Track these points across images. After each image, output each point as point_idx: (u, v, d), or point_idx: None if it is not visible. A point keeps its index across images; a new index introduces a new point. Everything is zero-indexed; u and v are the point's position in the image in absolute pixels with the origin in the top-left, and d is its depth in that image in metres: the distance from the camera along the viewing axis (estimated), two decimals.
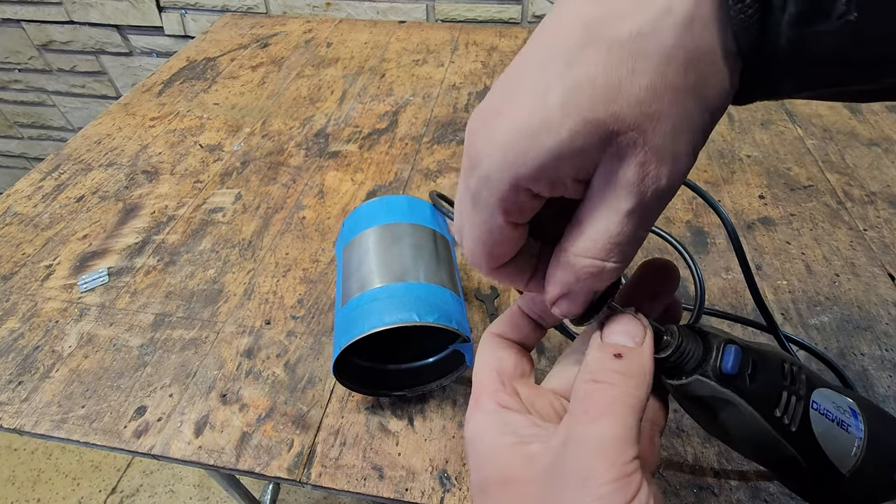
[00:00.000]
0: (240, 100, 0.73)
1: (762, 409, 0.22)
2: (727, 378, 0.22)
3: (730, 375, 0.22)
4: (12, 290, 0.48)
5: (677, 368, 0.23)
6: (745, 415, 0.22)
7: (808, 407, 0.23)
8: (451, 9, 0.92)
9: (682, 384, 0.23)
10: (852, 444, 0.23)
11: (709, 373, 0.22)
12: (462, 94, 0.72)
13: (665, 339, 0.23)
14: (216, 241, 0.52)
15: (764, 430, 0.22)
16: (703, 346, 0.23)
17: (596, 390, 0.18)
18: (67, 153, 0.64)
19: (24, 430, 0.38)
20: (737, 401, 0.22)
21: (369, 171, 0.60)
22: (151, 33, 1.08)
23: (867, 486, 0.24)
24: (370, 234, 0.38)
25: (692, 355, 0.22)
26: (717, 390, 0.22)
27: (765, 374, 0.22)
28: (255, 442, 0.37)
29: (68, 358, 0.42)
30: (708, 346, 0.23)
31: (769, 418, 0.22)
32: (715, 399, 0.22)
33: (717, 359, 0.22)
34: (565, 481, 0.17)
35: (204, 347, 0.43)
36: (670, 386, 0.24)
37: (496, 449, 0.19)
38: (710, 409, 0.23)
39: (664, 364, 0.23)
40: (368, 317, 0.33)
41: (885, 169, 0.57)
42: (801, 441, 0.23)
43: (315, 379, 0.40)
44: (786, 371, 0.23)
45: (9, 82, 1.28)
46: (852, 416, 0.24)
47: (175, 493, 1.12)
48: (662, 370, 0.24)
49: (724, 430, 0.24)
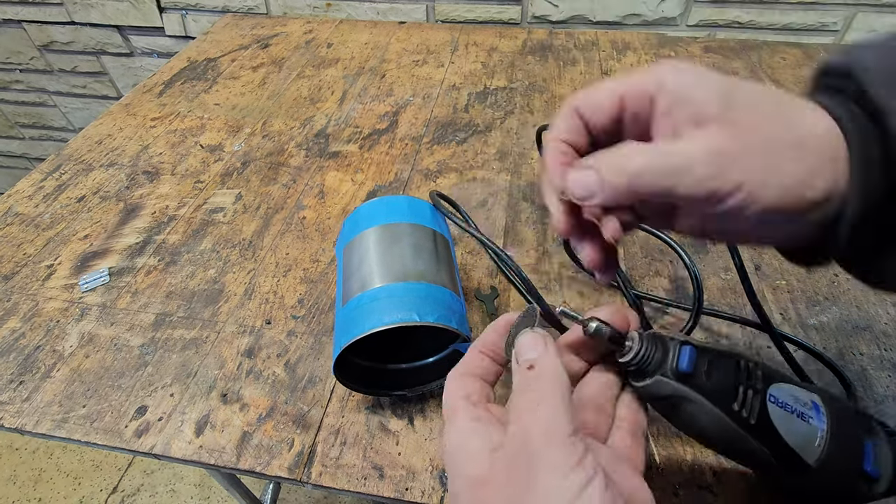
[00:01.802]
0: (240, 100, 0.73)
1: (720, 403, 0.24)
2: (684, 376, 0.23)
3: (686, 374, 0.23)
4: (13, 290, 0.48)
5: (640, 371, 0.24)
6: (706, 410, 0.24)
7: (766, 400, 0.24)
8: (451, 9, 0.92)
9: (645, 385, 0.24)
10: (815, 435, 0.24)
11: (668, 373, 0.24)
12: (462, 95, 0.72)
13: (627, 345, 0.24)
14: (217, 241, 0.52)
15: (724, 423, 0.24)
16: (662, 350, 0.24)
17: (523, 398, 0.21)
18: (68, 153, 0.65)
19: (25, 429, 0.38)
20: (695, 397, 0.24)
21: (369, 171, 0.60)
22: (152, 34, 1.08)
23: (836, 475, 0.25)
24: (370, 234, 0.38)
25: (653, 358, 0.24)
26: (677, 388, 0.24)
27: (720, 371, 0.24)
28: (255, 441, 0.37)
29: (69, 358, 0.43)
30: (666, 348, 0.24)
31: (728, 412, 0.24)
32: (677, 397, 0.24)
33: (674, 359, 0.24)
34: (520, 465, 0.19)
35: (205, 347, 0.43)
36: (637, 389, 0.25)
37: (472, 455, 0.21)
38: (674, 407, 0.25)
39: (628, 367, 0.25)
40: (369, 316, 0.33)
41: None
42: (761, 433, 0.24)
43: (315, 378, 0.40)
44: (741, 367, 0.24)
45: (10, 83, 1.29)
46: (814, 409, 0.25)
47: (176, 492, 1.12)
48: (628, 374, 0.25)
49: (691, 426, 0.25)
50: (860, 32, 0.82)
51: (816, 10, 0.82)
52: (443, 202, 0.43)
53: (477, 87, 0.73)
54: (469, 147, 0.63)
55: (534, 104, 0.70)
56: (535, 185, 0.57)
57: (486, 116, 0.68)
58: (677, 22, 0.87)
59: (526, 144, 0.63)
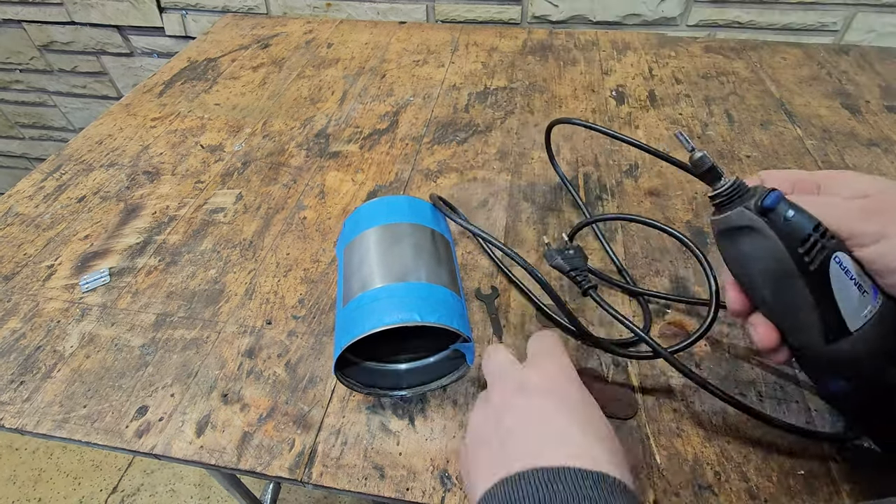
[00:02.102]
0: (241, 100, 0.73)
1: (788, 242, 0.26)
2: (764, 210, 0.27)
3: (767, 208, 0.27)
4: (14, 291, 0.48)
5: (726, 203, 0.28)
6: (772, 245, 0.27)
7: (831, 258, 0.26)
8: (452, 9, 0.92)
9: (726, 216, 0.28)
10: (865, 307, 0.27)
11: (751, 206, 0.27)
12: (462, 95, 0.72)
13: (724, 179, 0.29)
14: (217, 242, 0.52)
15: (785, 261, 0.26)
16: (753, 191, 0.28)
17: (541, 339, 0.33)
18: (69, 153, 0.65)
19: (25, 429, 0.38)
20: (767, 231, 0.27)
21: (370, 171, 0.60)
22: (152, 34, 1.08)
23: (870, 350, 0.27)
24: (371, 234, 0.38)
25: (740, 194, 0.28)
26: (753, 220, 0.27)
27: (798, 220, 0.27)
28: (256, 441, 0.37)
29: (70, 358, 0.43)
30: (757, 190, 0.28)
31: (792, 252, 0.26)
32: (750, 228, 0.27)
33: (761, 196, 0.27)
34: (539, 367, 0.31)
35: (205, 347, 0.43)
36: (717, 221, 0.29)
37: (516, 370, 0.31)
38: (742, 240, 0.28)
39: (717, 199, 0.29)
40: (369, 316, 0.33)
41: (885, 169, 0.57)
42: (815, 282, 0.26)
43: (316, 379, 0.40)
44: (818, 227, 0.27)
45: (10, 83, 1.29)
46: (873, 290, 0.27)
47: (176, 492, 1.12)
48: (714, 207, 0.29)
49: (750, 261, 0.28)
50: (860, 32, 0.82)
51: (816, 10, 0.82)
52: (442, 203, 0.43)
53: (477, 87, 0.73)
54: (469, 147, 0.63)
55: (534, 104, 0.70)
56: (536, 184, 0.57)
57: (487, 116, 0.68)
58: (677, 22, 0.87)
59: (526, 144, 0.63)
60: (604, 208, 0.54)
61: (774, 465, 0.34)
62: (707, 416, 0.37)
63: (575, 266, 0.41)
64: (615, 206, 0.54)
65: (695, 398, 0.38)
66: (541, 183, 0.57)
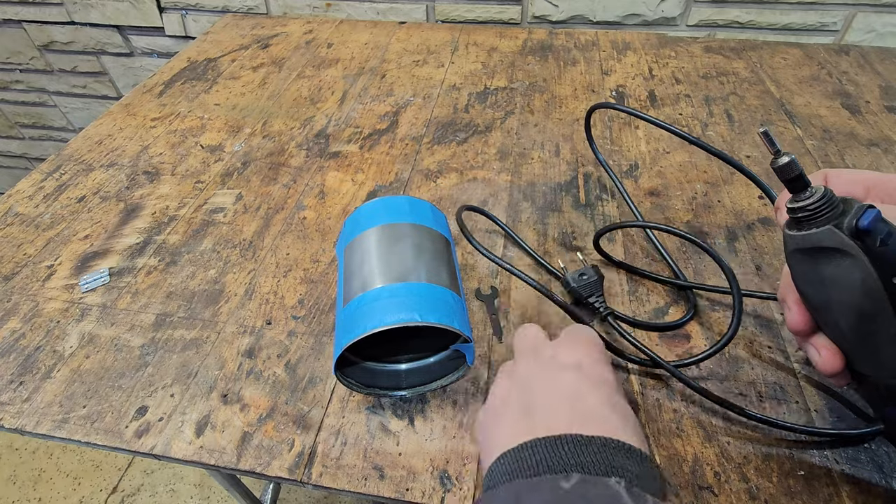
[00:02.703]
0: (240, 100, 0.73)
1: (882, 270, 0.23)
2: (860, 232, 0.23)
3: (863, 230, 0.23)
4: (13, 291, 0.48)
5: (811, 219, 0.24)
6: (864, 272, 0.23)
7: None
8: (451, 9, 0.92)
9: (811, 233, 0.24)
10: None
11: (842, 225, 0.23)
12: (462, 95, 0.72)
13: (809, 191, 0.24)
14: (217, 242, 0.52)
15: (877, 291, 0.23)
16: (844, 206, 0.24)
17: None
18: (68, 153, 0.65)
19: (25, 430, 0.38)
20: (860, 256, 0.23)
21: (370, 171, 0.60)
22: (152, 34, 1.08)
23: None
24: (371, 234, 0.38)
25: (830, 210, 0.24)
26: (845, 242, 0.23)
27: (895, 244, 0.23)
28: (256, 442, 0.37)
29: (69, 358, 0.43)
30: (848, 209, 0.24)
31: (886, 282, 0.23)
32: (838, 252, 0.23)
33: (856, 215, 0.23)
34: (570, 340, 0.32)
35: (205, 347, 0.43)
36: (798, 237, 0.25)
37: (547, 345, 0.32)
38: (827, 263, 0.24)
39: (799, 212, 0.24)
40: (370, 317, 0.33)
41: (885, 169, 0.57)
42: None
43: (316, 379, 0.40)
44: None
45: (10, 83, 1.29)
46: None
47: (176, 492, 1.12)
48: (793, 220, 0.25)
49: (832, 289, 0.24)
50: (860, 32, 0.82)
51: (816, 10, 0.82)
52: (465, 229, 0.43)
53: (477, 87, 0.73)
54: (469, 147, 0.63)
55: (534, 104, 0.70)
56: (536, 184, 0.57)
57: (487, 116, 0.68)
58: (677, 22, 0.87)
59: (526, 144, 0.63)
60: (604, 208, 0.54)
61: (774, 465, 0.34)
62: (707, 417, 0.37)
63: (591, 292, 0.42)
64: (615, 206, 0.54)
65: (695, 398, 0.38)
66: (541, 183, 0.57)
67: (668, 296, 0.45)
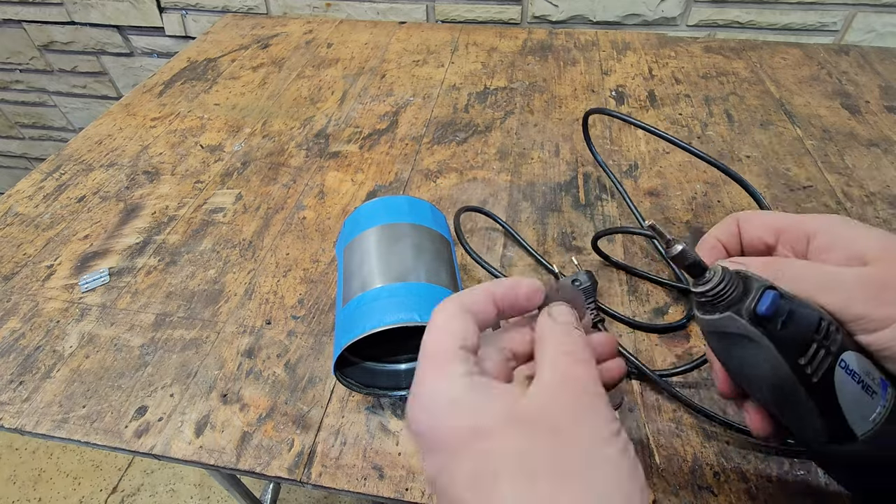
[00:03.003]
0: (240, 100, 0.73)
1: (787, 354, 0.23)
2: (759, 319, 0.23)
3: (762, 317, 0.23)
4: (13, 291, 0.48)
5: (713, 305, 0.24)
6: (770, 357, 0.23)
7: (836, 364, 0.23)
8: (451, 9, 0.92)
9: (714, 319, 0.24)
10: (873, 410, 0.24)
11: (742, 312, 0.23)
12: (462, 95, 0.72)
13: (707, 274, 0.24)
14: (217, 242, 0.52)
15: (785, 374, 0.23)
16: (744, 288, 0.24)
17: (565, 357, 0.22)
18: (68, 153, 0.65)
19: (25, 429, 0.38)
20: (764, 342, 0.23)
21: (370, 171, 0.60)
22: (152, 34, 1.08)
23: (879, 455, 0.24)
24: (371, 234, 0.38)
25: (731, 293, 0.23)
26: (747, 329, 0.23)
27: (798, 324, 0.23)
28: (255, 442, 0.37)
29: (69, 358, 0.43)
30: (748, 288, 0.24)
31: (792, 364, 0.23)
32: (743, 338, 0.23)
33: (754, 300, 0.23)
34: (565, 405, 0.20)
35: (205, 347, 0.43)
36: (703, 321, 0.25)
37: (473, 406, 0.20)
38: (736, 346, 0.24)
39: (700, 298, 0.24)
40: (369, 316, 0.33)
41: (885, 169, 0.57)
42: (819, 392, 0.23)
43: (315, 379, 0.40)
44: (821, 327, 0.23)
45: (10, 83, 1.29)
46: (882, 386, 0.24)
47: (176, 492, 1.12)
48: (697, 304, 0.25)
49: (746, 369, 0.25)
50: (860, 32, 0.82)
51: (816, 10, 0.82)
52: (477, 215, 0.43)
53: (477, 87, 0.73)
54: (469, 147, 0.63)
55: (534, 104, 0.70)
56: (536, 184, 0.57)
57: (486, 116, 0.68)
58: (677, 22, 0.87)
59: (526, 144, 0.63)
60: (603, 209, 0.54)
61: (774, 465, 0.34)
62: (707, 416, 0.37)
63: (585, 298, 0.42)
64: (615, 206, 0.54)
65: (694, 398, 0.38)
66: (540, 183, 0.57)
67: (668, 295, 0.45)
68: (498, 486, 0.18)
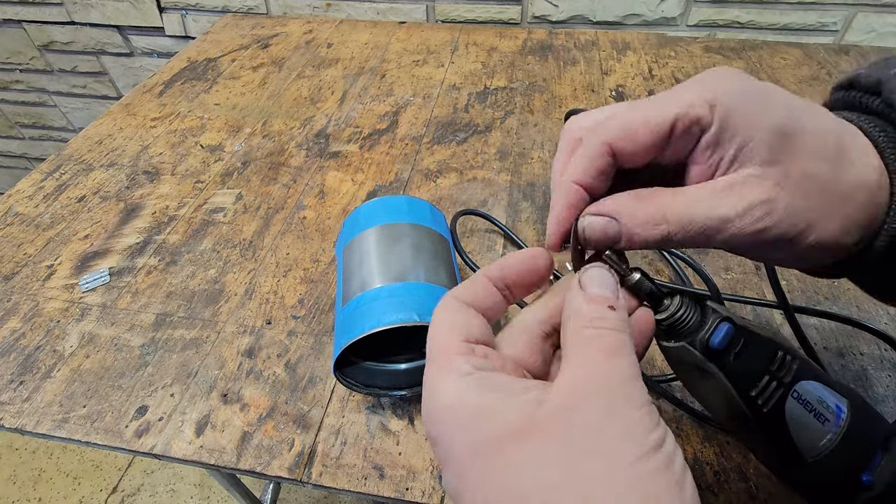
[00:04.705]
0: (240, 100, 0.73)
1: (739, 386, 0.23)
2: (712, 352, 0.23)
3: (715, 350, 0.23)
4: (14, 290, 0.48)
5: (670, 332, 0.24)
6: (722, 388, 0.23)
7: (788, 394, 0.24)
8: (451, 9, 0.92)
9: (670, 346, 0.24)
10: (823, 437, 0.24)
11: (696, 343, 0.23)
12: (462, 95, 0.72)
13: (665, 303, 0.24)
14: (217, 241, 0.52)
15: (736, 405, 0.24)
16: (700, 319, 0.24)
17: (596, 342, 0.18)
18: (69, 153, 0.65)
19: (25, 429, 0.38)
20: (716, 374, 0.23)
21: (370, 171, 0.60)
22: (152, 34, 1.08)
23: (828, 477, 0.25)
24: (371, 234, 0.38)
25: (687, 324, 0.23)
26: (700, 361, 0.23)
27: (751, 355, 0.23)
28: (255, 441, 0.37)
29: (69, 358, 0.43)
30: (704, 319, 0.24)
31: (744, 396, 0.23)
32: (698, 368, 0.24)
33: (707, 332, 0.23)
34: (590, 413, 0.16)
35: (205, 347, 0.43)
36: (661, 346, 0.25)
37: (492, 404, 0.17)
38: (692, 374, 0.25)
39: (659, 325, 0.24)
40: (369, 316, 0.33)
41: None
42: (769, 422, 0.24)
43: (316, 379, 0.40)
44: (776, 358, 0.24)
45: (10, 83, 1.29)
46: (836, 412, 0.25)
47: (176, 492, 1.12)
48: (658, 330, 0.25)
49: (701, 397, 0.26)
50: (860, 32, 0.82)
51: (816, 10, 0.82)
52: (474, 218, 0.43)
53: (477, 87, 0.73)
54: (469, 147, 0.63)
55: (534, 104, 0.70)
56: (536, 184, 0.57)
57: (486, 116, 0.68)
58: (677, 22, 0.87)
59: (526, 144, 0.63)
60: None
61: None
62: (707, 417, 0.37)
63: None
64: None
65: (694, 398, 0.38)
66: (541, 183, 0.57)
67: None
68: None
